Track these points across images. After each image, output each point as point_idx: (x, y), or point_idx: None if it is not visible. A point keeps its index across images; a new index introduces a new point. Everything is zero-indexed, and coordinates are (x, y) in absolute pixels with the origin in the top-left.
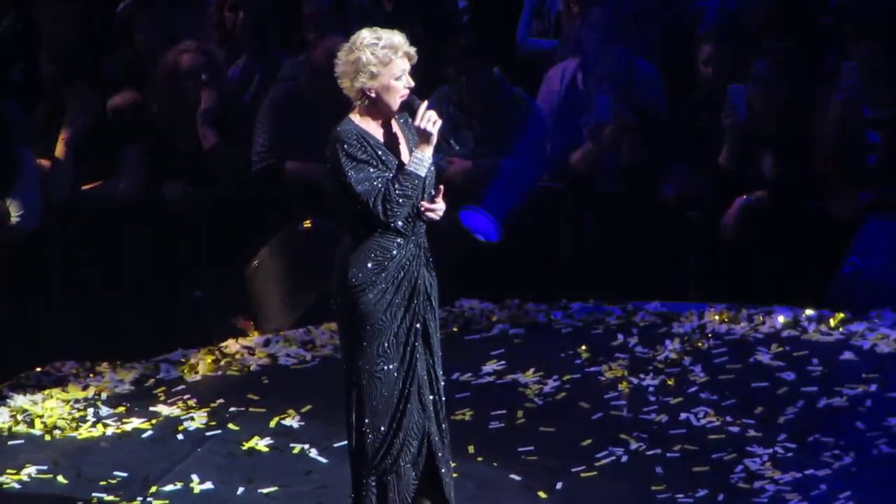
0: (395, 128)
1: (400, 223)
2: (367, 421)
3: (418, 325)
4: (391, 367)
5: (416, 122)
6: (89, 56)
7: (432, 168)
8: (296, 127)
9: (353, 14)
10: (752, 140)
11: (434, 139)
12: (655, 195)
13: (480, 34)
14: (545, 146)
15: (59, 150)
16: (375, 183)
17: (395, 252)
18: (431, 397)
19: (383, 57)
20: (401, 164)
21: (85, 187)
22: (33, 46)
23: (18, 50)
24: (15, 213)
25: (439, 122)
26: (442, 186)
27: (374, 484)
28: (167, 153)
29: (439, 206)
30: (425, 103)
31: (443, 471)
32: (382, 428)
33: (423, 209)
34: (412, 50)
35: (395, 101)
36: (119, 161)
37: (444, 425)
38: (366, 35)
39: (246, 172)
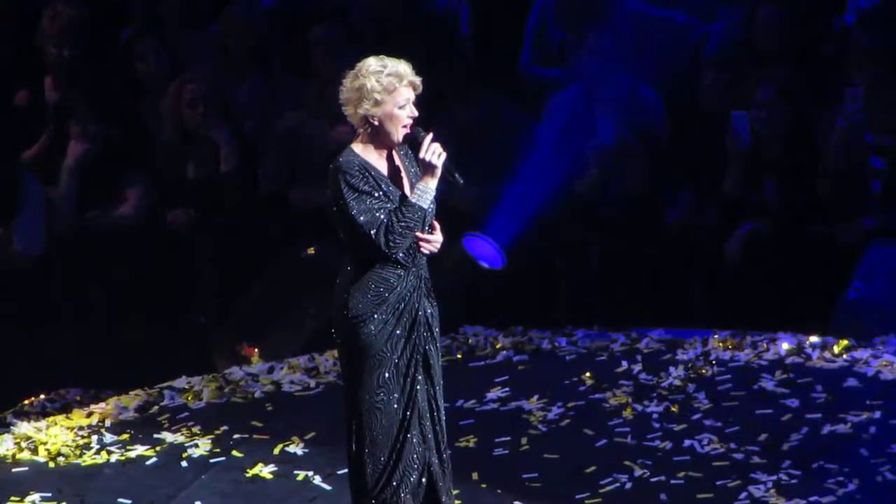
0: (397, 159)
1: (401, 255)
2: (367, 451)
3: (419, 356)
4: (391, 398)
5: (421, 154)
6: (94, 83)
7: (433, 202)
8: (302, 155)
9: (357, 41)
10: (755, 166)
11: (438, 171)
12: (659, 221)
13: (483, 60)
14: (548, 172)
15: (64, 176)
16: (378, 214)
17: (395, 283)
18: (432, 427)
19: (388, 84)
20: (403, 196)
21: (89, 213)
22: (37, 72)
23: (22, 76)
24: (18, 239)
25: (444, 155)
26: (436, 224)
27: None
28: (172, 180)
29: (436, 239)
30: (430, 136)
31: (444, 500)
32: (382, 458)
33: (419, 242)
34: (417, 79)
35: (398, 130)
36: (123, 187)
37: (445, 455)
38: (371, 62)
39: (251, 199)
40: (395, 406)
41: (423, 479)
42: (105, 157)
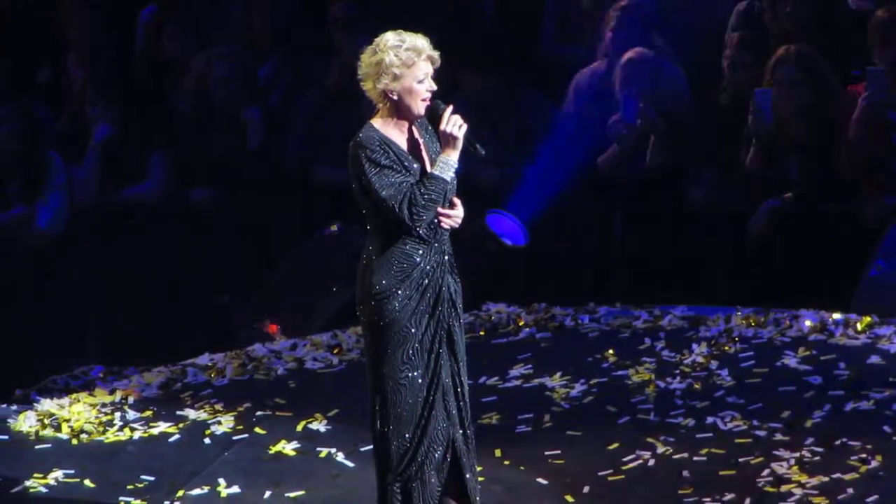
0: (417, 134)
1: (423, 229)
2: (391, 428)
3: (443, 332)
4: (416, 374)
5: (442, 127)
6: (117, 61)
7: (455, 175)
8: (327, 132)
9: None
10: (778, 144)
11: (460, 143)
12: (682, 199)
13: (505, 38)
14: (570, 150)
15: (88, 154)
16: (400, 188)
17: (418, 259)
18: (456, 404)
19: (406, 59)
20: (424, 170)
21: (112, 192)
22: (61, 49)
23: (46, 52)
24: (42, 217)
25: (465, 127)
26: (457, 200)
27: (398, 491)
28: (196, 158)
29: (457, 213)
30: (450, 108)
31: (468, 476)
32: (407, 435)
33: (440, 216)
34: (435, 53)
35: (417, 105)
36: (146, 166)
37: (469, 431)
38: (390, 37)
39: (276, 176)
40: (420, 382)
41: (448, 456)
42: (128, 135)
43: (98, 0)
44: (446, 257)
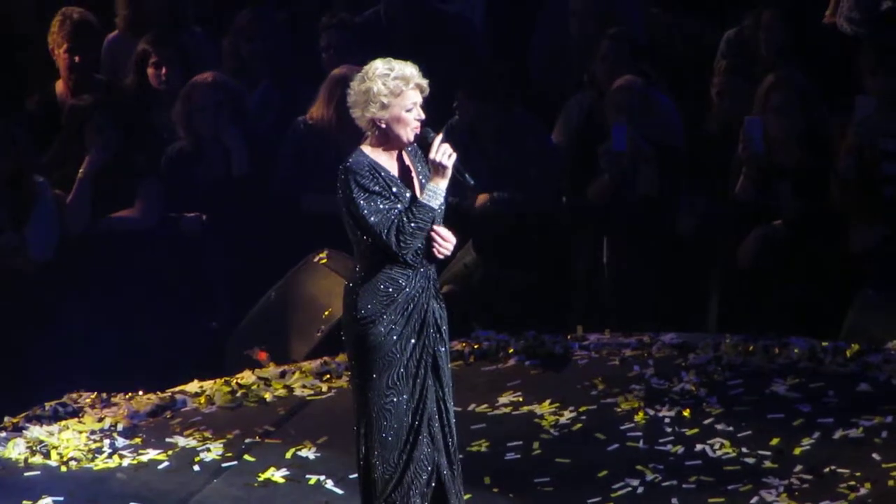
0: (407, 159)
1: (410, 256)
2: (376, 453)
3: (428, 358)
4: (401, 399)
5: (432, 156)
6: (107, 88)
7: (443, 203)
8: (315, 160)
9: (367, 45)
10: (769, 171)
11: (449, 173)
12: (672, 226)
13: (497, 63)
14: (560, 175)
15: (77, 182)
16: (388, 214)
17: (404, 284)
18: (441, 429)
19: (394, 88)
20: (413, 196)
21: (102, 218)
22: (50, 77)
23: (34, 80)
24: (31, 245)
25: (454, 156)
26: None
27: None
28: (184, 185)
29: (450, 242)
30: (440, 136)
31: (453, 502)
32: (392, 460)
33: (434, 241)
34: (424, 82)
35: (406, 133)
36: (135, 193)
37: (454, 457)
38: (378, 65)
39: (264, 203)
40: (405, 408)
41: (433, 481)
42: (118, 162)
43: (88, 26)
44: (431, 282)
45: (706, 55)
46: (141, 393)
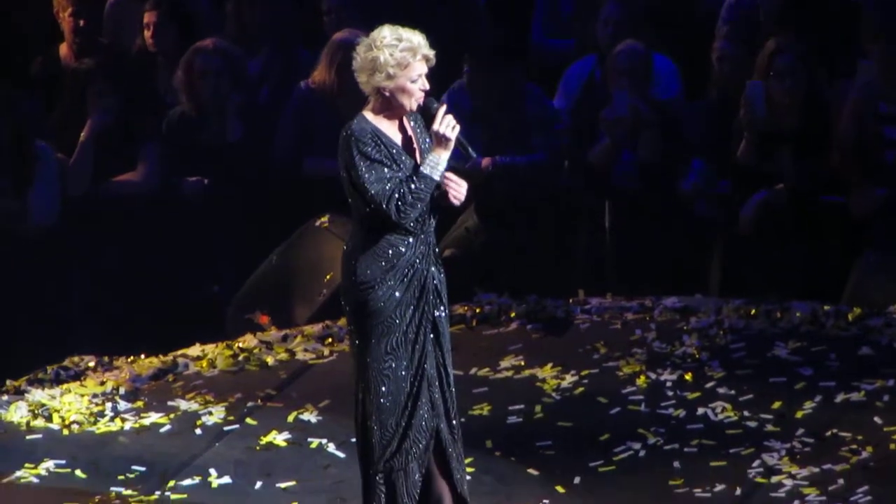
0: (408, 127)
1: (411, 223)
2: (374, 418)
3: (428, 323)
4: (400, 364)
5: (435, 127)
6: (110, 52)
7: (444, 173)
8: (317, 124)
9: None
10: (770, 135)
11: (451, 144)
12: (673, 191)
13: (499, 30)
14: (562, 141)
15: (80, 146)
16: (389, 183)
17: (404, 250)
18: (441, 394)
19: (401, 59)
20: (414, 164)
21: (103, 183)
22: (53, 40)
23: (38, 44)
24: (33, 211)
25: (458, 128)
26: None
27: (382, 481)
28: (186, 150)
29: (464, 186)
30: (444, 107)
31: (454, 466)
32: (390, 425)
33: (448, 190)
34: (431, 53)
35: (410, 102)
36: (137, 157)
37: (454, 422)
38: (386, 34)
39: (266, 168)
40: (403, 373)
41: (432, 446)
42: (120, 126)
43: None
44: (431, 248)
45: (708, 20)
46: (143, 356)
